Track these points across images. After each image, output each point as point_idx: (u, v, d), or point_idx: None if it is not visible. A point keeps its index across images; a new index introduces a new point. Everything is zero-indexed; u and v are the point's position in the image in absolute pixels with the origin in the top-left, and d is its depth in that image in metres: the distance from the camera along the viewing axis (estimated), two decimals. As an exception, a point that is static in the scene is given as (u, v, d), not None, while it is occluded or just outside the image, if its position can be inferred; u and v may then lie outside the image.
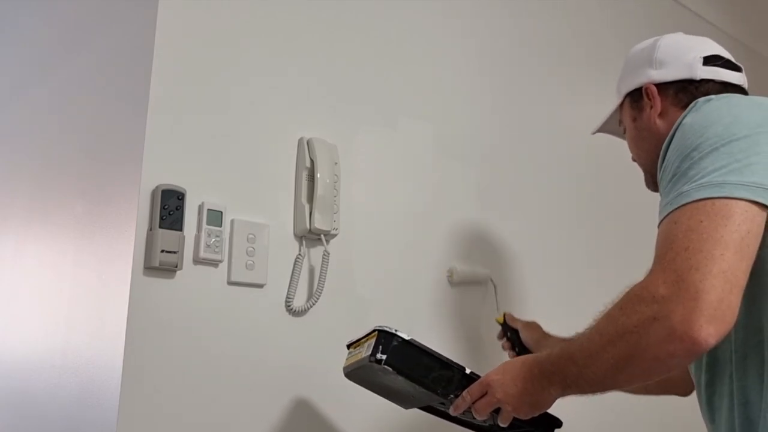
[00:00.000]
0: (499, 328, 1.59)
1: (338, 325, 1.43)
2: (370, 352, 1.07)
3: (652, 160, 1.16)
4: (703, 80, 1.19)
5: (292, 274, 1.38)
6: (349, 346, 1.19)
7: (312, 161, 1.40)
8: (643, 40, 1.31)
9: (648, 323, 0.88)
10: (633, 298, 0.92)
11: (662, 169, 1.02)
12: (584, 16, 2.11)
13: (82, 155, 1.48)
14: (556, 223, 1.91)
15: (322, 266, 1.40)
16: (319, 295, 1.39)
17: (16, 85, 1.87)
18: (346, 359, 1.17)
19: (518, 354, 1.55)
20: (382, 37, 1.62)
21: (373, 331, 1.10)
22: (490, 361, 1.58)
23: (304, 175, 1.40)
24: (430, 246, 1.63)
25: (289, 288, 1.37)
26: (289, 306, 1.37)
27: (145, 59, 1.27)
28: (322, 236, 1.40)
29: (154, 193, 1.22)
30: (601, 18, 2.18)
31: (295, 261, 1.38)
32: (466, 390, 1.08)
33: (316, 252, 1.42)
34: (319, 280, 1.39)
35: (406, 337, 1.08)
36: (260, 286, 1.34)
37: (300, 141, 1.42)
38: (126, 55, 1.37)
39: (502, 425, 1.07)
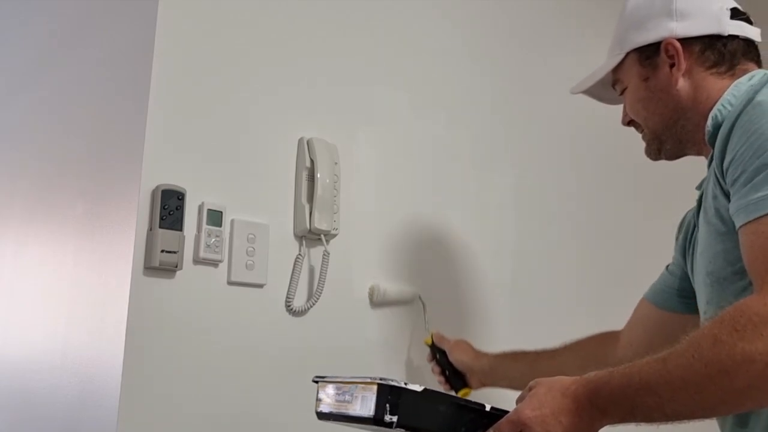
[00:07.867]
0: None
1: (338, 325, 1.43)
2: (372, 412, 0.88)
3: (666, 125, 1.08)
4: (730, 36, 1.07)
5: (292, 274, 1.38)
6: (318, 382, 0.99)
7: (312, 161, 1.40)
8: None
9: None
10: (754, 318, 0.76)
11: (726, 149, 0.91)
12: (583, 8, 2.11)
13: (82, 155, 1.48)
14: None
15: (322, 266, 1.40)
16: (319, 295, 1.39)
17: (16, 85, 1.87)
18: (322, 400, 0.97)
19: (447, 379, 1.43)
20: (383, 37, 1.62)
21: (371, 381, 0.90)
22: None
23: (304, 175, 1.40)
24: (430, 245, 1.63)
25: (289, 288, 1.37)
26: (289, 306, 1.37)
27: (145, 59, 1.27)
28: (322, 236, 1.40)
29: (154, 193, 1.22)
30: (594, 8, 2.17)
31: (295, 261, 1.38)
32: (492, 429, 0.91)
33: (316, 252, 1.42)
34: (319, 280, 1.39)
35: (419, 389, 0.90)
36: (260, 286, 1.34)
37: (300, 141, 1.42)
38: (126, 54, 1.37)
39: None
